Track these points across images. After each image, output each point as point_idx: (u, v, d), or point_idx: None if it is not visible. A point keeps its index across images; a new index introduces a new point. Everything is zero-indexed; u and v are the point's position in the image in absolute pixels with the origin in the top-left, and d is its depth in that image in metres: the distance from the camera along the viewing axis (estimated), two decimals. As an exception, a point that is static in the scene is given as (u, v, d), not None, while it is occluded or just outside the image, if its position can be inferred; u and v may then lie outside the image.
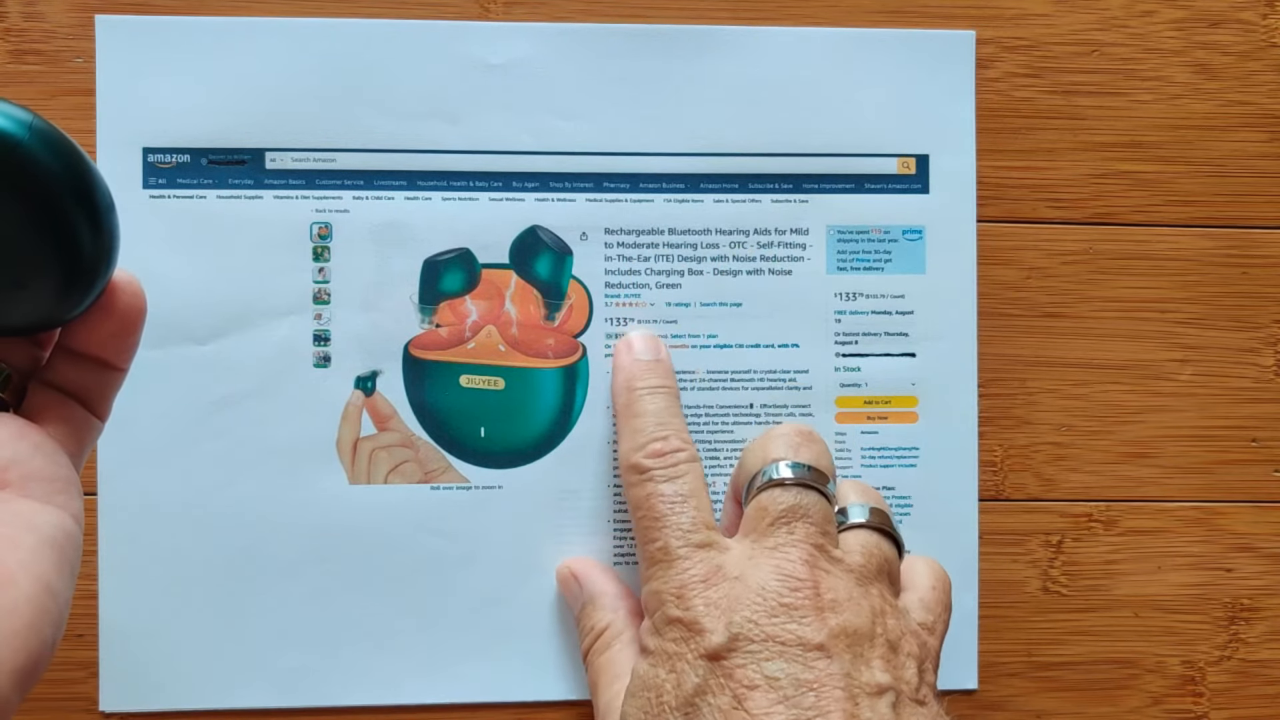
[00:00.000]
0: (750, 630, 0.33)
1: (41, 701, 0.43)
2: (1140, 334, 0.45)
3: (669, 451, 0.38)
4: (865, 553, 0.37)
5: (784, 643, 0.33)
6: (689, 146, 0.44)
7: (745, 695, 0.32)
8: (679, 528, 0.37)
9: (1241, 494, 0.46)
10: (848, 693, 0.32)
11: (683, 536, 0.36)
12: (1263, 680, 0.46)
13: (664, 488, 0.38)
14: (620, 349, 0.42)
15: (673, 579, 0.36)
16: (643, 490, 0.38)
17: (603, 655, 0.39)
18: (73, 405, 0.30)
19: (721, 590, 0.35)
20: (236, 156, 0.43)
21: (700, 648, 0.34)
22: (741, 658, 0.33)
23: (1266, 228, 0.46)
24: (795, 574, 0.34)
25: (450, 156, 0.43)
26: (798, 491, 0.36)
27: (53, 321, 0.28)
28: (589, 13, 0.44)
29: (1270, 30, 0.46)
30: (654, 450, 0.38)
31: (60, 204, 0.26)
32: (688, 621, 0.34)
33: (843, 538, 0.37)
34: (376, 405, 0.43)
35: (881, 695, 0.33)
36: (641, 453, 0.39)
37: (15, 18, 0.43)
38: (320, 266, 0.43)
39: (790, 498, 0.36)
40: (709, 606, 0.34)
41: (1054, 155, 0.45)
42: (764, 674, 0.33)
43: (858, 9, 0.45)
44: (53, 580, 0.26)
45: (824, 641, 0.33)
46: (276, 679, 0.43)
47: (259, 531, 0.43)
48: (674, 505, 0.37)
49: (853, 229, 0.44)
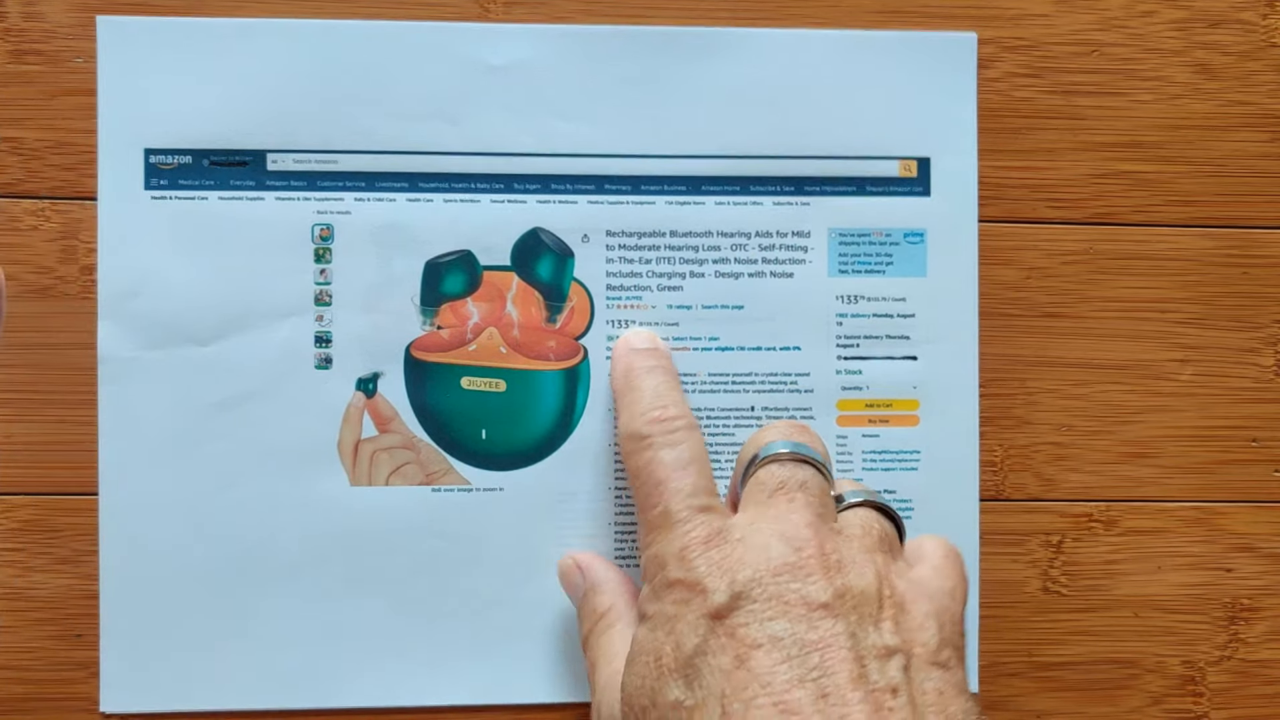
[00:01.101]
0: (753, 590, 0.32)
1: (41, 701, 0.43)
2: (1140, 334, 0.46)
3: (669, 418, 0.38)
4: (864, 527, 0.35)
5: (788, 602, 0.32)
6: (691, 149, 0.44)
7: (747, 655, 0.31)
8: (680, 492, 0.36)
9: (1241, 494, 0.46)
10: (854, 653, 0.31)
11: (684, 500, 0.35)
12: (1263, 680, 0.46)
13: (664, 454, 0.37)
14: (617, 345, 0.42)
15: (674, 541, 0.35)
16: (643, 457, 0.37)
17: (603, 636, 0.39)
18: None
19: (724, 551, 0.34)
20: (238, 158, 0.43)
21: (702, 607, 0.32)
22: (744, 616, 0.32)
23: (1266, 228, 0.46)
24: (799, 535, 0.33)
25: (451, 158, 0.43)
26: (795, 466, 0.36)
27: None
28: (589, 13, 0.44)
29: (1270, 30, 0.46)
30: (654, 417, 0.38)
31: None
32: (690, 582, 0.33)
33: (841, 516, 0.36)
34: (378, 407, 0.43)
35: (890, 657, 0.32)
36: (641, 420, 0.38)
37: (15, 18, 0.43)
38: (321, 268, 0.43)
39: (787, 471, 0.35)
40: (711, 566, 0.33)
41: (1054, 155, 0.45)
42: (767, 633, 0.31)
43: (858, 9, 0.45)
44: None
45: (829, 601, 0.32)
46: (277, 680, 0.43)
47: (260, 533, 0.43)
48: (675, 470, 0.36)
49: (854, 232, 0.44)
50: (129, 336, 0.42)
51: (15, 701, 0.43)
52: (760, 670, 0.31)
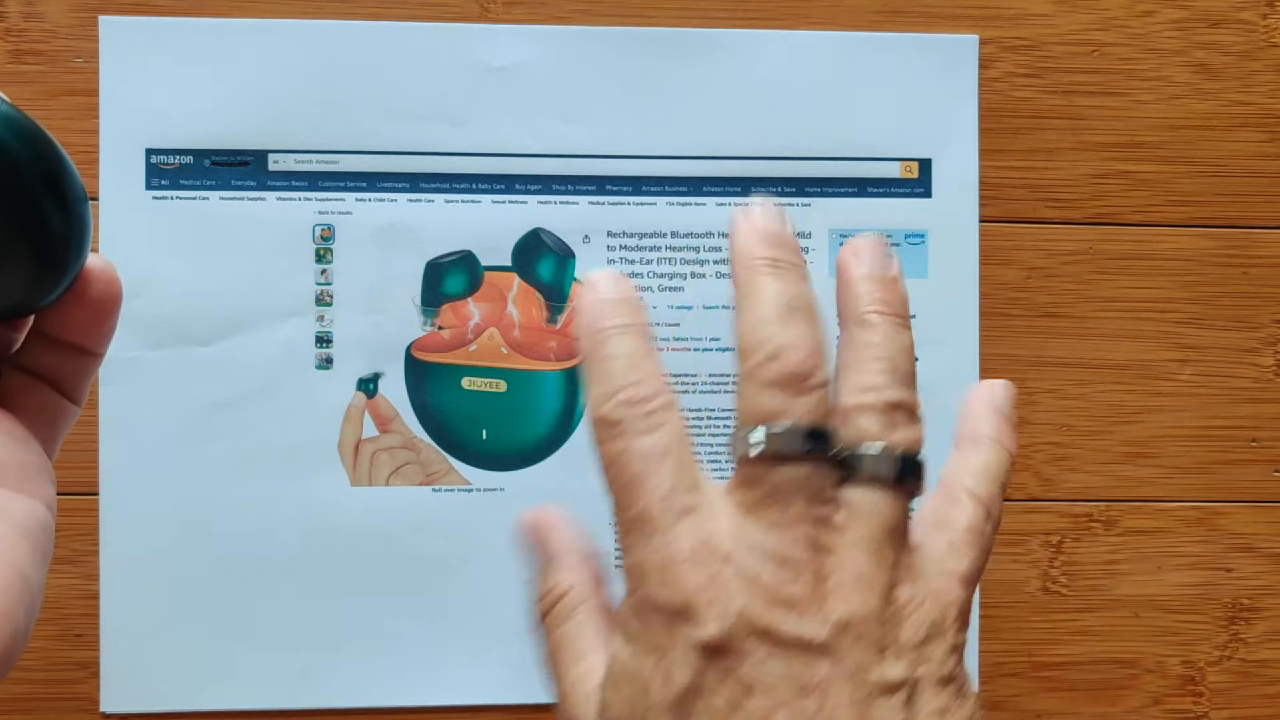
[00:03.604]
0: (745, 625, 0.31)
1: (41, 702, 0.43)
2: (1140, 334, 0.46)
3: (643, 398, 0.35)
4: (869, 516, 0.33)
5: (783, 641, 0.31)
6: (691, 150, 0.43)
7: (741, 700, 0.31)
8: (659, 490, 0.33)
9: (1241, 494, 0.46)
10: (856, 694, 0.31)
11: (663, 501, 0.32)
12: (1263, 680, 0.46)
13: (639, 442, 0.33)
14: (581, 291, 0.40)
15: (655, 551, 0.32)
16: (615, 446, 0.34)
17: (561, 627, 0.36)
18: (46, 391, 0.30)
19: (711, 571, 0.32)
20: (239, 158, 0.42)
21: (692, 638, 0.31)
22: (737, 656, 0.31)
23: (1266, 228, 0.46)
24: (793, 558, 0.32)
25: (453, 159, 0.43)
26: (790, 466, 0.33)
27: (24, 309, 0.28)
28: (588, 13, 0.44)
29: (1270, 30, 0.46)
30: (627, 398, 0.35)
31: (30, 192, 0.26)
32: (676, 607, 0.32)
33: (849, 497, 0.34)
34: (378, 407, 0.43)
35: (895, 693, 0.31)
36: (612, 402, 0.35)
37: (15, 18, 0.43)
38: (323, 268, 0.43)
39: (780, 475, 0.33)
40: (699, 590, 0.32)
41: (1054, 155, 0.45)
42: (762, 675, 0.31)
43: (858, 9, 0.44)
44: (26, 567, 0.26)
45: (827, 640, 0.31)
46: (277, 680, 0.43)
47: (260, 533, 0.43)
48: (652, 463, 0.33)
49: (855, 232, 0.44)
50: (130, 336, 0.42)
51: (15, 701, 0.43)
52: (756, 716, 0.30)
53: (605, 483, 0.35)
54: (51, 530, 0.28)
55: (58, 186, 0.27)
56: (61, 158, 0.27)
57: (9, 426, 0.28)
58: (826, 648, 0.31)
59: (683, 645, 0.32)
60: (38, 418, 0.29)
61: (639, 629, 0.33)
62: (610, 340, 0.37)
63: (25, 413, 0.29)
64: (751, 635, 0.31)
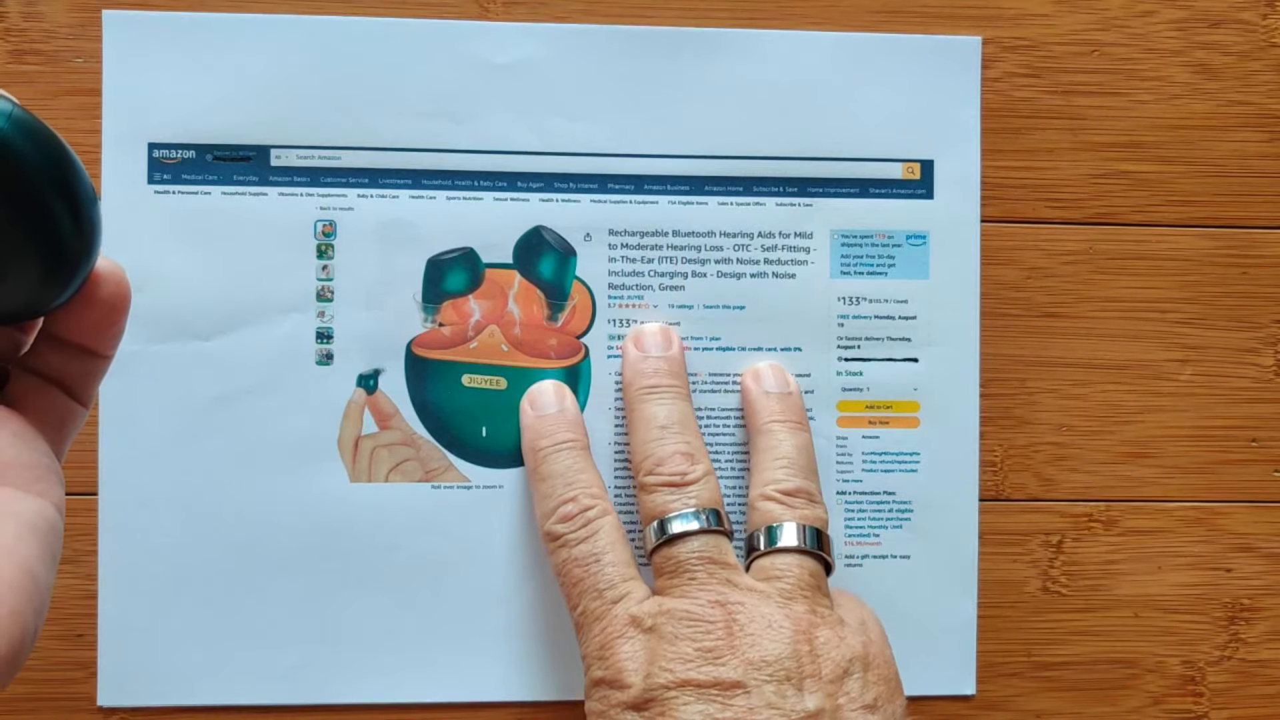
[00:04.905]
0: (667, 679, 0.35)
1: (41, 701, 0.43)
2: (1140, 334, 0.46)
3: (578, 513, 0.39)
4: (779, 575, 0.38)
5: (701, 686, 0.35)
6: (694, 149, 0.44)
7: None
8: (594, 589, 0.38)
9: (1241, 494, 0.46)
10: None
11: (598, 596, 0.38)
12: (1263, 680, 0.46)
13: (577, 551, 0.39)
14: (523, 407, 0.43)
15: (596, 638, 0.37)
16: (558, 557, 0.39)
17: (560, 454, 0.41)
18: (55, 392, 0.30)
19: (638, 643, 0.36)
20: (242, 153, 0.43)
21: (622, 702, 0.35)
22: (661, 706, 0.34)
23: (1266, 228, 0.46)
24: (706, 617, 0.36)
25: (455, 156, 0.43)
26: (697, 540, 0.38)
27: (33, 311, 0.28)
28: (589, 13, 0.44)
29: (1270, 30, 0.46)
30: (563, 515, 0.39)
31: (40, 194, 0.26)
32: (609, 679, 0.36)
33: (759, 564, 0.38)
34: (378, 403, 0.43)
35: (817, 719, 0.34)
36: (552, 519, 0.40)
37: (15, 18, 0.43)
38: (324, 264, 0.43)
39: (685, 550, 0.38)
40: (626, 660, 0.36)
41: (1054, 155, 0.45)
42: (687, 716, 0.34)
43: (858, 9, 0.45)
44: (35, 567, 0.26)
45: (741, 678, 0.35)
46: (276, 676, 0.43)
47: (259, 529, 0.43)
48: (589, 567, 0.38)
49: (856, 233, 0.44)
50: (131, 331, 0.42)
51: (15, 701, 0.43)
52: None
53: (559, 587, 0.40)
54: (60, 531, 0.28)
55: (68, 189, 0.27)
56: (72, 160, 0.27)
57: (17, 427, 0.28)
58: (742, 684, 0.35)
59: (617, 708, 0.36)
60: (46, 419, 0.29)
61: (594, 706, 0.38)
62: (546, 460, 0.43)
63: (34, 414, 0.29)
64: (673, 687, 0.35)
